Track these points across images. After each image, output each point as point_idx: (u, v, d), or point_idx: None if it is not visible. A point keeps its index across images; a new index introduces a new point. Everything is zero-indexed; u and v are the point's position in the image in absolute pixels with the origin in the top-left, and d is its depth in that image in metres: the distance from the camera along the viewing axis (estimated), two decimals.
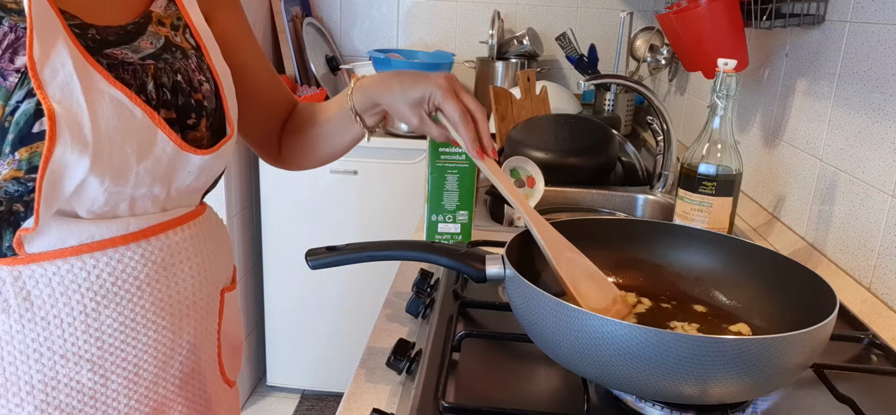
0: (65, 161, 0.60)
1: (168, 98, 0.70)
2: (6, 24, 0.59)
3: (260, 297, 2.36)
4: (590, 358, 0.58)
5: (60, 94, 0.59)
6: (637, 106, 2.37)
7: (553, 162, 1.46)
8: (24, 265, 0.64)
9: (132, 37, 0.69)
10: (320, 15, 2.59)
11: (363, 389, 0.73)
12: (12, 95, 0.58)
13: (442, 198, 1.07)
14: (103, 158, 0.62)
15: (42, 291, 0.65)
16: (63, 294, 0.65)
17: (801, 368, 0.59)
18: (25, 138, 0.59)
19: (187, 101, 0.72)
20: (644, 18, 2.44)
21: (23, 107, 0.58)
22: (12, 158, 0.59)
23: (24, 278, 0.64)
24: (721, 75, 1.01)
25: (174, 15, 0.75)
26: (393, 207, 2.17)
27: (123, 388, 0.71)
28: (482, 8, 2.53)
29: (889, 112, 0.92)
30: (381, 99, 0.82)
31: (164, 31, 0.72)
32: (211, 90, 0.75)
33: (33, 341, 0.66)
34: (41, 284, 0.65)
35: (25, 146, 0.59)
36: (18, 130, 0.58)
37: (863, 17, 1.00)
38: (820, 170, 1.10)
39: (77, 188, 0.62)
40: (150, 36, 0.71)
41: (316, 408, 2.36)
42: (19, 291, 0.64)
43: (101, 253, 0.66)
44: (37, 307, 0.65)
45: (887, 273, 0.90)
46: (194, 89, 0.73)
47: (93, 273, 0.66)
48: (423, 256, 0.74)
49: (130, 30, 0.69)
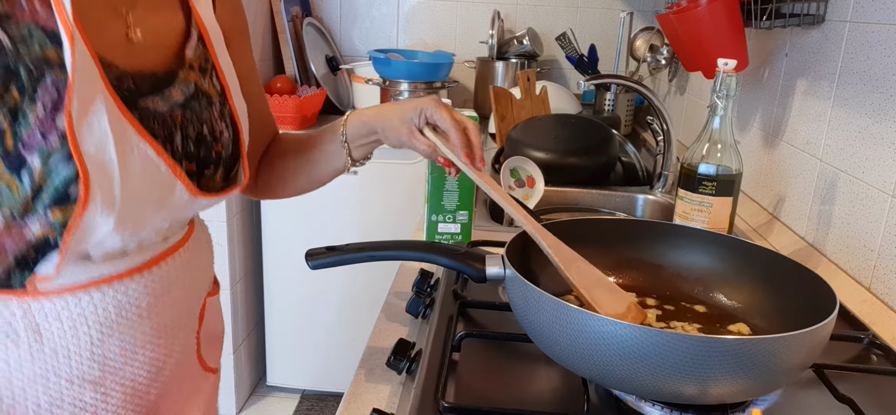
0: (93, 223, 0.61)
1: (191, 150, 0.71)
2: (48, 79, 0.58)
3: (260, 297, 2.36)
4: (590, 358, 0.58)
5: (94, 149, 0.60)
6: (637, 106, 2.37)
7: (553, 162, 1.46)
8: (33, 299, 0.65)
9: (164, 84, 0.69)
10: (320, 15, 2.59)
11: (363, 389, 0.73)
12: (51, 156, 0.59)
13: (442, 198, 1.07)
14: (127, 216, 0.64)
15: (51, 325, 0.66)
16: (71, 327, 0.67)
17: (801, 368, 0.59)
18: (61, 200, 0.60)
19: (208, 154, 0.73)
20: (644, 18, 2.44)
21: (61, 170, 0.59)
22: (45, 218, 0.60)
23: (33, 312, 0.65)
24: (721, 75, 1.01)
25: (202, 56, 0.75)
26: (393, 207, 2.17)
27: (121, 400, 0.73)
28: (482, 8, 2.54)
29: (889, 112, 0.92)
30: (376, 123, 0.83)
31: (194, 77, 0.73)
32: (229, 138, 0.76)
33: (41, 369, 0.67)
34: (50, 317, 0.66)
35: (60, 208, 0.60)
36: (55, 193, 0.59)
37: (863, 17, 1.00)
38: (820, 170, 1.10)
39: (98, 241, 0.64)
40: (180, 83, 0.71)
41: (316, 408, 2.36)
42: (29, 323, 0.65)
43: (107, 286, 0.68)
44: (46, 339, 0.66)
45: (887, 273, 0.90)
46: (216, 140, 0.74)
47: (99, 306, 0.68)
48: (423, 256, 0.74)
49: (163, 77, 0.69)
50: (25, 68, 0.57)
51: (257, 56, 2.30)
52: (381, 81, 2.26)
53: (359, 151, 0.87)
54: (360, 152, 0.87)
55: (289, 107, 2.10)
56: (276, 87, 2.24)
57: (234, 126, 0.78)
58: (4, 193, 0.58)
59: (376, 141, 0.86)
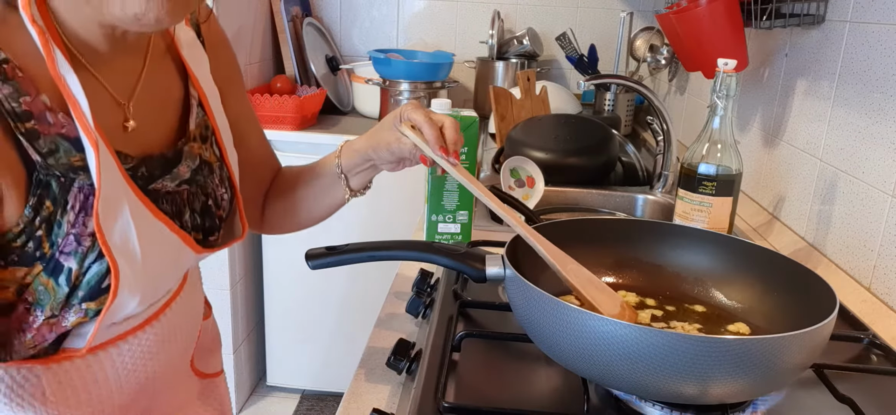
0: (121, 305, 0.65)
1: (198, 222, 0.74)
2: (76, 186, 0.61)
3: (260, 297, 2.36)
4: (590, 358, 0.58)
5: (120, 240, 0.63)
6: (637, 106, 2.37)
7: (553, 162, 1.46)
8: (57, 364, 0.67)
9: (172, 164, 0.72)
10: (320, 15, 2.59)
11: (363, 389, 0.73)
12: (86, 258, 0.62)
13: (442, 198, 1.07)
14: (148, 291, 0.68)
15: (74, 381, 0.69)
16: (93, 381, 0.70)
17: (801, 368, 0.59)
18: (95, 294, 0.63)
19: (213, 222, 0.77)
20: (644, 18, 2.44)
21: (94, 268, 0.62)
22: (79, 308, 0.64)
23: (59, 375, 0.68)
24: (721, 75, 1.01)
25: (203, 123, 0.77)
26: (393, 207, 2.17)
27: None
28: (482, 8, 2.53)
29: (889, 112, 0.92)
30: (367, 149, 0.83)
31: (197, 149, 0.75)
32: (228, 199, 0.79)
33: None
34: (73, 375, 0.68)
35: (94, 300, 0.64)
36: (90, 288, 0.63)
37: (863, 17, 1.00)
38: (820, 170, 1.10)
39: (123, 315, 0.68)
40: (186, 159, 0.73)
41: (316, 408, 2.36)
42: (52, 382, 0.67)
43: (123, 342, 0.72)
44: (70, 393, 0.69)
45: (887, 273, 0.90)
46: (218, 206, 0.77)
47: (117, 360, 0.71)
48: (423, 256, 0.74)
49: (171, 157, 0.72)
50: (56, 179, 0.60)
51: (257, 56, 2.30)
52: (381, 81, 2.26)
53: (357, 181, 0.87)
54: (358, 182, 0.87)
55: (289, 107, 2.10)
56: (276, 87, 2.24)
57: (231, 186, 0.80)
58: (43, 294, 0.62)
59: (372, 168, 0.86)
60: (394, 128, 0.81)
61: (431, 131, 0.77)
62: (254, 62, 2.28)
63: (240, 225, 0.82)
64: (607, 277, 0.82)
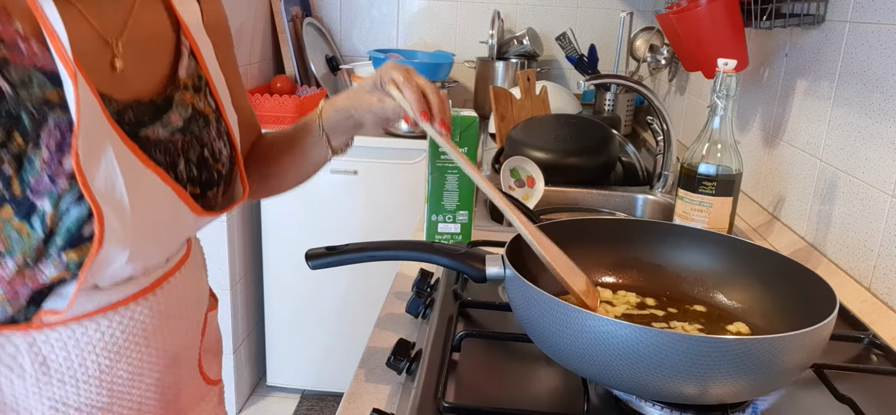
0: (108, 258, 0.61)
1: (194, 174, 0.71)
2: (51, 122, 0.57)
3: (260, 297, 2.36)
4: (590, 358, 0.58)
5: (104, 187, 0.59)
6: (637, 106, 2.37)
7: (553, 162, 1.46)
8: (37, 331, 0.64)
9: (162, 111, 0.68)
10: (320, 15, 2.59)
11: (363, 389, 0.73)
12: (62, 199, 0.58)
13: (442, 198, 1.07)
14: (140, 247, 0.64)
15: (57, 355, 0.65)
16: (78, 355, 0.66)
17: (801, 368, 0.59)
18: (75, 241, 0.59)
19: (210, 175, 0.73)
20: (644, 18, 2.44)
21: (73, 211, 0.58)
22: (59, 260, 0.60)
23: (39, 344, 0.64)
24: (721, 75, 1.01)
25: (195, 73, 0.74)
26: (393, 207, 2.17)
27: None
28: (482, 8, 2.53)
29: (889, 112, 0.92)
30: (349, 106, 0.82)
31: (189, 98, 0.72)
32: (227, 155, 0.76)
33: (49, 399, 0.66)
34: (57, 348, 0.65)
35: (74, 249, 0.60)
36: (68, 235, 0.59)
37: (863, 18, 1.00)
38: (820, 170, 1.10)
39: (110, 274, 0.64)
40: (178, 107, 0.70)
41: (316, 408, 2.36)
42: (35, 356, 0.64)
43: (113, 312, 0.67)
44: (53, 370, 0.65)
45: (887, 273, 0.90)
46: (216, 159, 0.74)
47: (107, 333, 0.67)
48: (423, 256, 0.74)
49: (161, 104, 0.69)
50: (27, 113, 0.56)
51: (257, 56, 2.30)
52: None
53: (338, 140, 0.86)
54: (339, 141, 0.86)
55: (289, 107, 2.10)
56: (276, 87, 2.24)
57: (230, 143, 0.77)
58: (16, 240, 0.58)
59: (355, 126, 0.84)
60: (374, 90, 0.79)
61: (412, 95, 0.75)
62: (254, 62, 2.28)
63: (240, 187, 0.79)
64: (607, 277, 0.82)
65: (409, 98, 0.75)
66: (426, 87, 0.77)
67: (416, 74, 0.78)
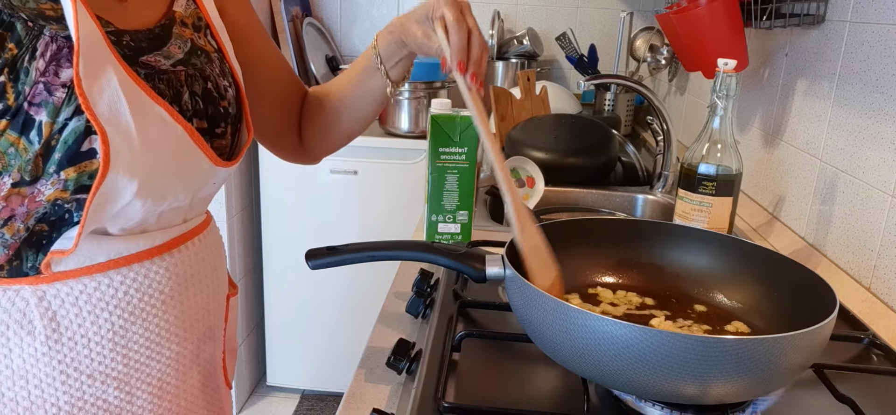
0: (115, 186, 0.59)
1: (200, 107, 0.69)
2: (47, 34, 0.56)
3: (260, 297, 2.36)
4: (590, 358, 0.58)
5: (108, 113, 0.57)
6: (637, 106, 2.37)
7: (553, 162, 1.46)
8: (48, 285, 0.61)
9: (161, 41, 0.67)
10: (320, 15, 2.59)
11: (363, 389, 0.73)
12: (60, 112, 0.56)
13: (442, 198, 1.07)
14: (149, 181, 0.62)
15: (68, 311, 0.63)
16: (90, 313, 0.64)
17: (801, 368, 0.59)
18: (74, 158, 0.57)
19: (216, 109, 0.71)
20: (644, 18, 2.44)
21: (72, 125, 0.56)
22: (57, 178, 0.57)
23: (49, 298, 0.62)
24: (721, 75, 1.01)
25: (195, 14, 0.73)
26: (393, 207, 2.17)
27: (148, 403, 0.70)
28: (482, 8, 2.53)
29: (889, 112, 0.92)
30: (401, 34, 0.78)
31: (188, 33, 0.71)
32: (233, 95, 0.74)
33: (60, 363, 0.64)
34: (67, 303, 0.62)
35: (73, 166, 0.57)
36: (67, 149, 0.56)
37: (863, 18, 1.00)
38: (820, 170, 1.10)
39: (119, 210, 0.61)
40: (176, 40, 0.69)
41: (316, 408, 2.36)
42: (44, 312, 0.62)
43: (127, 269, 0.65)
44: (64, 328, 0.63)
45: (887, 273, 0.90)
46: (221, 96, 0.72)
47: (120, 290, 0.65)
48: (423, 256, 0.74)
49: (159, 33, 0.67)
50: (21, 22, 0.55)
51: None
52: None
53: (396, 71, 0.83)
54: (397, 72, 0.83)
55: None
56: None
57: (236, 84, 0.75)
58: (12, 155, 0.55)
59: (409, 53, 0.81)
60: (424, 22, 0.75)
61: (457, 38, 0.71)
62: None
63: (246, 131, 0.77)
64: (607, 277, 0.82)
65: (454, 42, 0.72)
66: (474, 31, 0.73)
67: (469, 13, 0.74)
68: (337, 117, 0.89)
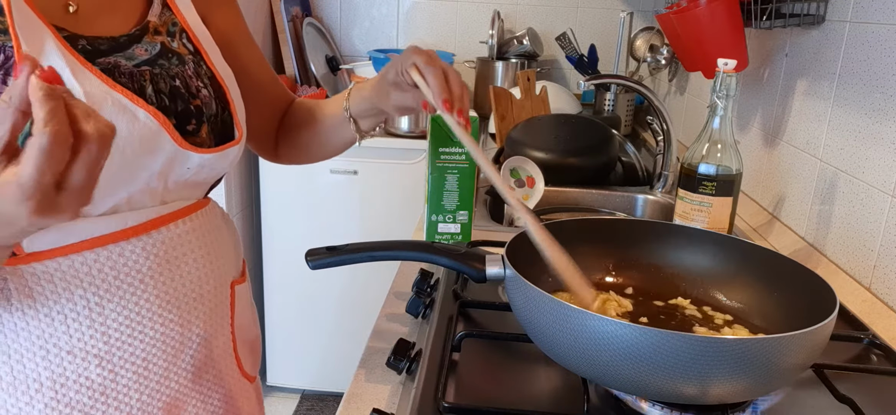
0: None
1: (166, 104, 0.68)
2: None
3: (260, 297, 2.36)
4: (590, 358, 0.58)
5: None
6: (637, 106, 2.37)
7: (553, 162, 1.46)
8: (24, 264, 0.63)
9: (125, 47, 0.67)
10: (320, 15, 2.59)
11: (363, 389, 0.73)
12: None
13: (442, 198, 1.07)
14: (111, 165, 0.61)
15: (44, 288, 0.64)
16: (65, 289, 0.65)
17: (801, 368, 0.59)
18: None
19: (186, 106, 0.71)
20: (644, 18, 2.44)
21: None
22: None
23: (25, 276, 0.64)
24: (721, 75, 1.01)
25: (169, 20, 0.73)
26: (393, 207, 2.17)
27: (134, 383, 0.71)
28: (482, 8, 2.53)
29: (889, 112, 0.92)
30: (375, 99, 0.83)
31: (161, 39, 0.71)
32: (210, 96, 0.74)
33: (39, 338, 0.65)
34: (43, 280, 0.64)
35: None
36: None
37: (863, 17, 1.00)
38: (820, 170, 1.10)
39: None
40: (145, 44, 0.69)
41: (316, 408, 2.36)
42: (21, 287, 0.64)
43: (101, 248, 0.66)
44: (40, 303, 0.65)
45: (887, 273, 0.90)
46: (192, 95, 0.72)
47: (94, 267, 0.66)
48: (423, 257, 0.74)
49: (124, 41, 0.68)
50: None
51: None
52: None
53: (366, 124, 0.88)
54: (367, 125, 0.88)
55: None
56: None
57: (218, 85, 0.75)
58: None
59: (380, 113, 0.86)
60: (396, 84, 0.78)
61: (435, 80, 0.73)
62: None
63: (236, 130, 0.77)
64: (607, 277, 0.82)
65: (431, 83, 0.73)
66: (449, 72, 0.75)
67: (438, 59, 0.76)
68: (311, 141, 0.94)
